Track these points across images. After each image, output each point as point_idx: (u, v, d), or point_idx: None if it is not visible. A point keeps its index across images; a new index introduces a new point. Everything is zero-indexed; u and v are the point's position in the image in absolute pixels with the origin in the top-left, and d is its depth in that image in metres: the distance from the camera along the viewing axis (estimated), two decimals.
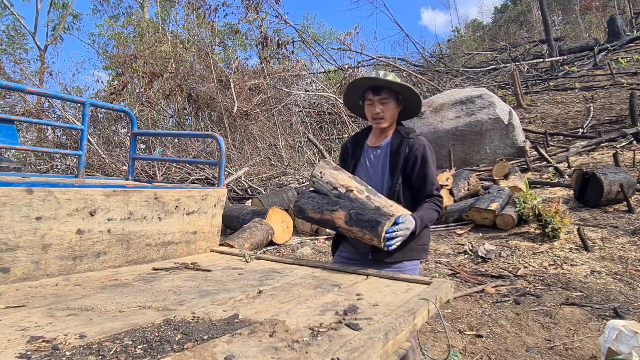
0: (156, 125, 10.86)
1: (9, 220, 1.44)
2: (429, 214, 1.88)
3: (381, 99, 1.94)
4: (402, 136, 1.99)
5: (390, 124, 2.01)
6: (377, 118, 1.96)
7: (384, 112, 1.95)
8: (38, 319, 1.09)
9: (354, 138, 2.18)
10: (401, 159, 1.93)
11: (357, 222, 1.71)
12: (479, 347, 2.51)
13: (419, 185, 1.94)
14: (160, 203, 1.95)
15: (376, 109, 1.95)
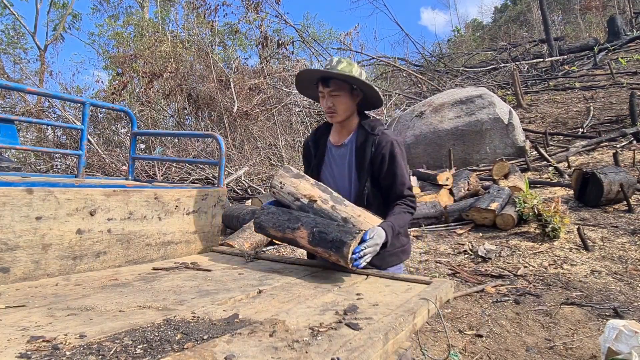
0: (156, 125, 10.86)
1: (8, 220, 1.44)
2: (401, 219, 1.75)
3: (331, 92, 1.78)
4: (366, 132, 1.83)
5: (345, 118, 1.85)
6: (329, 112, 1.81)
7: (336, 106, 1.79)
8: (38, 318, 1.09)
9: (315, 135, 2.00)
10: (367, 158, 1.79)
11: (320, 242, 1.56)
12: (479, 346, 2.51)
13: (388, 186, 1.80)
14: (160, 203, 1.95)
15: (327, 102, 1.80)
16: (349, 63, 1.78)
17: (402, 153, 1.82)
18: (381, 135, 1.79)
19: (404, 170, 1.81)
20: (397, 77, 13.96)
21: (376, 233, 1.58)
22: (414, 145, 7.60)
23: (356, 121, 1.89)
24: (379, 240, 1.58)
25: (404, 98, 11.37)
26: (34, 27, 16.27)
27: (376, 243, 1.57)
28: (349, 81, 1.77)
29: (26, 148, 2.68)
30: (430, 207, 4.92)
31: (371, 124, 1.86)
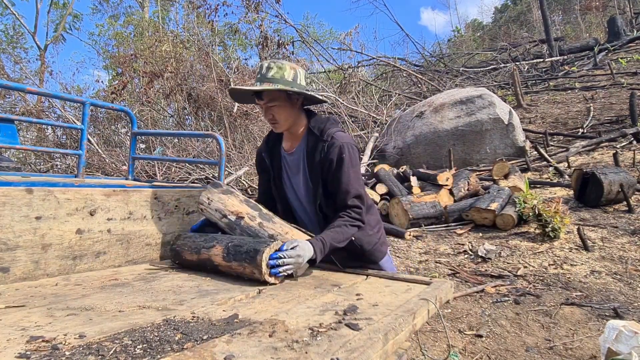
0: (156, 125, 10.85)
1: (8, 219, 1.44)
2: (338, 233, 1.64)
3: (266, 104, 1.70)
4: (316, 137, 1.72)
5: (290, 125, 1.76)
6: (272, 123, 1.73)
7: (276, 116, 1.70)
8: (38, 318, 1.09)
9: (267, 144, 1.91)
10: (317, 166, 1.69)
11: (235, 255, 1.50)
12: (479, 347, 2.51)
13: (334, 193, 1.70)
14: (160, 203, 1.96)
15: (267, 114, 1.72)
16: (279, 67, 1.67)
17: (352, 157, 1.69)
18: (330, 139, 1.69)
19: (350, 176, 1.68)
20: (397, 77, 13.96)
21: (298, 245, 1.50)
22: (414, 146, 7.60)
23: (304, 123, 1.79)
24: (301, 252, 1.49)
25: (404, 98, 11.37)
26: (34, 27, 16.27)
27: (298, 254, 1.48)
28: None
29: (26, 148, 2.68)
30: (430, 207, 4.92)
31: (320, 126, 1.75)
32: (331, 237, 1.63)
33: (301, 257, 1.50)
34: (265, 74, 1.66)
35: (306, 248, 1.52)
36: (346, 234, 1.67)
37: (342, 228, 1.67)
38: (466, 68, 14.41)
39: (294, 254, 1.48)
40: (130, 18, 18.52)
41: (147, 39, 13.22)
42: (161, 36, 12.56)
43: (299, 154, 1.79)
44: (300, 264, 1.51)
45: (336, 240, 1.64)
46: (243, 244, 1.51)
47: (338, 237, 1.65)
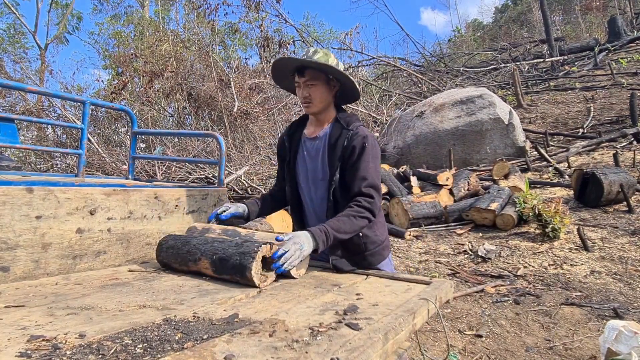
0: (156, 125, 10.85)
1: (8, 219, 1.44)
2: (344, 224, 1.60)
3: (306, 81, 1.73)
4: (341, 126, 1.76)
5: (321, 108, 1.79)
6: (305, 102, 1.76)
7: (312, 96, 1.74)
8: (38, 318, 1.09)
9: (290, 129, 1.95)
10: (339, 151, 1.71)
11: (224, 269, 1.48)
12: (479, 347, 2.51)
13: (349, 180, 1.70)
14: (161, 202, 1.96)
15: (303, 92, 1.75)
16: (325, 53, 1.73)
17: (374, 150, 1.72)
18: (356, 130, 1.74)
19: (369, 165, 1.69)
20: (397, 77, 13.96)
21: (293, 236, 1.50)
22: (414, 145, 7.60)
23: (332, 114, 1.84)
24: (298, 240, 1.49)
25: (404, 98, 11.37)
26: (35, 26, 16.28)
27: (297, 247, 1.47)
28: (325, 70, 1.73)
29: (26, 147, 2.68)
30: (431, 207, 4.92)
31: (347, 119, 1.80)
32: (336, 226, 1.58)
33: (299, 245, 1.48)
34: (312, 56, 1.71)
35: (303, 237, 1.50)
36: (353, 226, 1.62)
37: (349, 219, 1.62)
38: (466, 68, 14.40)
39: (294, 248, 1.47)
40: (130, 17, 18.52)
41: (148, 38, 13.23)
42: (161, 36, 12.56)
43: (322, 140, 1.80)
44: (302, 254, 1.49)
45: (341, 230, 1.59)
46: (228, 258, 1.47)
47: (343, 227, 1.60)
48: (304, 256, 1.51)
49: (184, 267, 1.62)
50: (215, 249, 1.53)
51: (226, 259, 1.48)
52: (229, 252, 1.48)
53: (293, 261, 1.48)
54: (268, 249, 1.47)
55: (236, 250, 1.47)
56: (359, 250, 1.77)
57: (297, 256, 1.48)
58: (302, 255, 1.50)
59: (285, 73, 1.84)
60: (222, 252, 1.50)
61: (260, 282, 1.43)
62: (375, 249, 1.80)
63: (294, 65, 1.76)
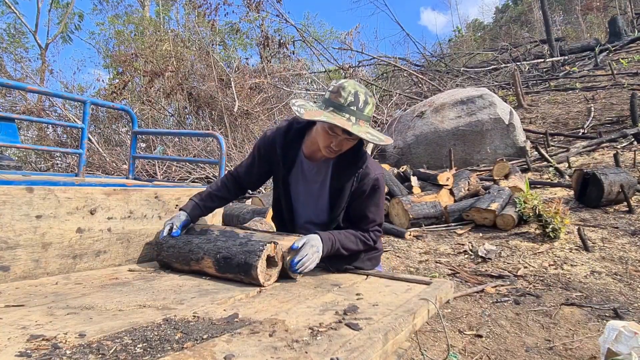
0: (157, 124, 10.86)
1: (9, 218, 1.44)
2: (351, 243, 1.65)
3: (347, 139, 1.55)
4: (349, 161, 1.64)
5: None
6: (333, 152, 1.59)
7: (343, 148, 1.60)
8: (38, 317, 1.09)
9: (285, 138, 1.73)
10: (347, 190, 1.64)
11: (227, 268, 1.49)
12: (479, 347, 2.51)
13: (358, 217, 1.70)
14: (161, 202, 1.96)
15: (338, 146, 1.56)
16: (372, 104, 1.56)
17: (383, 190, 1.72)
18: (365, 169, 1.64)
19: (378, 207, 1.71)
20: (398, 77, 13.95)
21: (307, 240, 1.53)
22: (414, 145, 7.60)
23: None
24: (315, 243, 1.54)
25: (404, 98, 11.36)
26: (35, 26, 16.30)
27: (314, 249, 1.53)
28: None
29: (27, 146, 2.68)
30: (431, 207, 4.92)
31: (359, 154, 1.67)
32: (343, 242, 1.64)
33: (315, 248, 1.53)
34: (362, 110, 1.51)
35: (317, 241, 1.55)
36: (357, 247, 1.68)
37: (357, 240, 1.68)
38: (467, 68, 14.40)
39: (311, 251, 1.52)
40: (130, 17, 18.52)
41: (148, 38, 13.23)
42: (162, 35, 12.56)
43: (325, 167, 1.70)
44: (319, 255, 1.54)
45: (346, 247, 1.65)
46: (232, 256, 1.48)
47: (349, 246, 1.66)
48: (318, 256, 1.55)
49: (186, 267, 1.61)
50: (219, 247, 1.54)
51: (230, 258, 1.49)
52: (234, 251, 1.49)
53: (310, 265, 1.52)
54: (273, 247, 1.49)
55: (241, 249, 1.49)
56: (358, 257, 1.77)
57: (314, 259, 1.53)
58: (318, 259, 1.54)
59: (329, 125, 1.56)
60: (226, 250, 1.51)
61: (265, 281, 1.45)
62: (373, 254, 1.82)
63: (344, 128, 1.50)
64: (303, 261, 1.50)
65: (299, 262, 1.50)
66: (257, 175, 1.85)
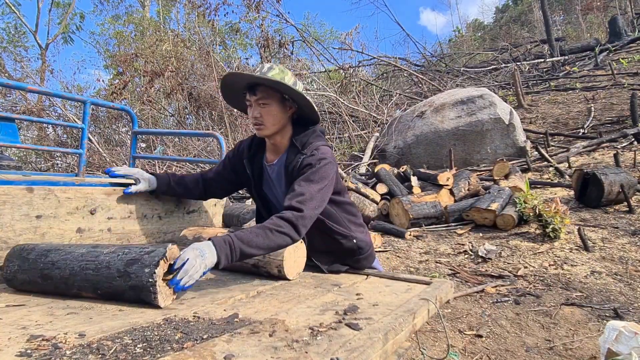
0: (157, 124, 10.86)
1: (9, 218, 1.44)
2: (258, 237, 1.33)
3: (258, 100, 1.56)
4: (297, 151, 1.59)
5: (274, 131, 1.62)
6: (255, 124, 1.58)
7: (264, 117, 1.56)
8: (38, 317, 1.09)
9: (250, 149, 1.76)
10: (293, 176, 1.57)
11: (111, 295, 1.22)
12: (479, 347, 2.51)
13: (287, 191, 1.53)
14: (161, 202, 1.96)
15: (254, 112, 1.57)
16: (281, 70, 1.57)
17: (322, 170, 1.51)
18: (310, 153, 1.56)
19: (311, 184, 1.47)
20: (398, 77, 13.96)
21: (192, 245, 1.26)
22: (414, 145, 7.60)
23: (289, 136, 1.66)
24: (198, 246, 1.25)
25: (404, 98, 11.36)
26: (35, 26, 16.30)
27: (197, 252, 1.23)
28: (279, 89, 1.55)
29: (27, 146, 2.68)
30: (431, 207, 4.92)
31: (303, 139, 1.61)
32: (245, 238, 1.32)
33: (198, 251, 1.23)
34: (266, 72, 1.53)
35: (203, 245, 1.27)
36: (268, 241, 1.35)
37: (264, 231, 1.35)
38: (467, 68, 14.39)
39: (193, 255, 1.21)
40: (131, 17, 18.52)
41: (148, 38, 13.23)
42: (162, 35, 12.57)
43: (280, 167, 1.67)
44: (205, 262, 1.23)
45: (252, 244, 1.33)
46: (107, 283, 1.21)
47: (255, 241, 1.33)
48: (207, 267, 1.24)
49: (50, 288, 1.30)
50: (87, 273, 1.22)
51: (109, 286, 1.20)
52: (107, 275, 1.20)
53: (193, 274, 1.21)
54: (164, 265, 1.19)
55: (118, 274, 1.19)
56: (353, 254, 1.73)
57: (198, 266, 1.21)
58: (204, 265, 1.22)
59: (235, 90, 1.65)
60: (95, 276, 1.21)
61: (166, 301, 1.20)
62: (369, 252, 1.78)
63: (246, 81, 1.58)
64: (186, 269, 1.19)
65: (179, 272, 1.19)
66: (225, 182, 1.86)
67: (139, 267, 1.18)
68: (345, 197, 1.76)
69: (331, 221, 1.65)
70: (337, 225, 1.67)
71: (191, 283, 1.21)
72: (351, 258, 1.74)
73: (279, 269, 1.52)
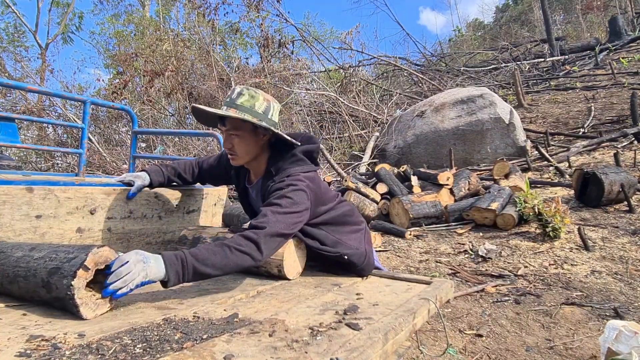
0: (157, 124, 10.86)
1: (9, 218, 1.44)
2: (215, 255, 1.22)
3: (228, 131, 1.53)
4: (270, 176, 1.56)
5: (248, 160, 1.60)
6: (230, 154, 1.58)
7: (236, 147, 1.54)
8: (37, 317, 1.09)
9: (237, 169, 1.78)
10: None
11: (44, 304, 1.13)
12: (479, 346, 2.51)
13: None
14: (161, 202, 1.95)
15: (225, 143, 1.56)
16: (251, 96, 1.51)
17: (292, 195, 1.41)
18: (280, 179, 1.49)
19: (278, 208, 1.37)
20: (398, 77, 13.94)
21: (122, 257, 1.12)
22: (414, 145, 7.60)
23: (264, 161, 1.63)
24: (143, 253, 1.14)
25: (405, 97, 11.36)
26: (35, 26, 16.30)
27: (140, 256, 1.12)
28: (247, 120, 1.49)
29: (27, 146, 2.68)
30: (431, 206, 4.91)
31: (279, 165, 1.56)
32: (200, 255, 1.20)
33: (141, 256, 1.13)
34: (235, 100, 1.50)
35: (149, 255, 1.15)
36: (226, 260, 1.23)
37: (222, 249, 1.24)
38: (467, 67, 14.39)
39: (135, 259, 1.11)
40: (131, 17, 18.52)
41: (148, 37, 13.23)
42: (162, 35, 12.57)
43: (257, 191, 1.68)
44: (147, 271, 1.11)
45: (207, 263, 1.20)
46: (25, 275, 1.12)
47: (211, 259, 1.21)
48: (148, 277, 1.11)
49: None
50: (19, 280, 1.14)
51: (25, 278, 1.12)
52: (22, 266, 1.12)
53: (129, 280, 1.08)
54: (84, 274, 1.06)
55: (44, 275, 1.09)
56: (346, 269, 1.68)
57: (136, 272, 1.09)
58: (144, 274, 1.10)
59: (210, 119, 1.65)
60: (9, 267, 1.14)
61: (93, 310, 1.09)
62: (364, 263, 1.67)
63: (214, 117, 1.57)
64: (120, 271, 1.08)
65: (111, 275, 1.08)
66: (217, 177, 1.93)
67: (58, 277, 1.05)
68: (337, 208, 1.68)
69: (319, 244, 1.60)
70: (326, 247, 1.60)
71: (124, 291, 1.07)
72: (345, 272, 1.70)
73: (279, 268, 1.52)
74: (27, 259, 1.14)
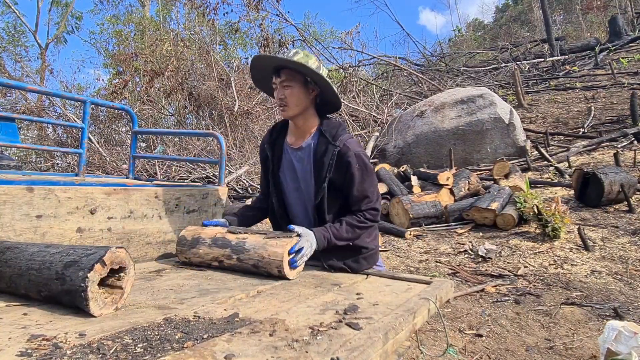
0: (157, 124, 10.85)
1: (9, 218, 1.44)
2: (343, 230, 1.65)
3: (282, 82, 1.68)
4: (327, 140, 1.70)
5: (297, 112, 1.72)
6: (280, 104, 1.70)
7: (287, 98, 1.68)
8: (38, 317, 1.09)
9: (271, 135, 1.89)
10: (326, 169, 1.67)
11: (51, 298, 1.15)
12: (479, 346, 2.51)
13: (351, 201, 1.71)
14: (161, 202, 1.96)
15: (279, 93, 1.70)
16: (306, 55, 1.68)
17: (367, 165, 1.70)
18: (343, 147, 1.67)
19: (371, 184, 1.72)
20: (398, 77, 13.94)
21: (306, 234, 1.59)
22: (414, 145, 7.60)
23: (314, 123, 1.77)
24: (310, 239, 1.59)
25: (404, 97, 11.36)
26: (35, 26, 16.31)
27: (308, 243, 1.57)
28: (303, 72, 1.67)
29: (27, 146, 2.68)
30: (431, 206, 4.92)
31: (332, 131, 1.73)
32: (337, 234, 1.65)
33: (309, 243, 1.57)
34: (292, 57, 1.66)
35: (312, 237, 1.59)
36: (354, 235, 1.68)
37: (352, 228, 1.68)
38: (467, 67, 14.39)
39: (306, 245, 1.56)
40: (131, 17, 18.52)
41: (148, 37, 13.22)
42: (162, 35, 12.56)
43: (307, 152, 1.75)
44: (311, 253, 1.58)
45: (342, 238, 1.66)
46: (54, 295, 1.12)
47: (345, 236, 1.66)
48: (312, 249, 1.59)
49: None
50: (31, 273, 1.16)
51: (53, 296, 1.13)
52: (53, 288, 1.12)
53: (304, 260, 1.57)
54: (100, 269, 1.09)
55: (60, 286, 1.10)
56: (353, 254, 1.74)
57: (308, 254, 1.57)
58: (310, 255, 1.58)
59: (264, 74, 1.79)
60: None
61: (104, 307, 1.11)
62: (368, 253, 1.77)
63: (272, 64, 1.72)
64: (302, 253, 1.55)
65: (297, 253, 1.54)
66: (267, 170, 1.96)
67: (74, 269, 1.08)
68: None
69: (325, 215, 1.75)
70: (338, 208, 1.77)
71: (299, 264, 1.57)
72: (351, 257, 1.73)
73: (279, 269, 1.52)
74: (43, 253, 1.18)
